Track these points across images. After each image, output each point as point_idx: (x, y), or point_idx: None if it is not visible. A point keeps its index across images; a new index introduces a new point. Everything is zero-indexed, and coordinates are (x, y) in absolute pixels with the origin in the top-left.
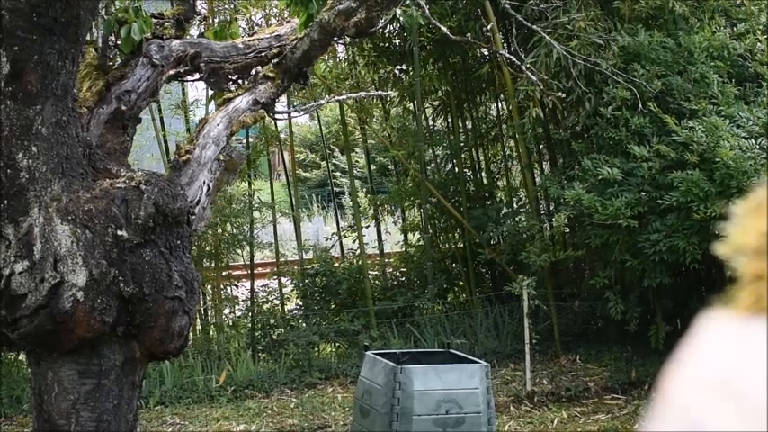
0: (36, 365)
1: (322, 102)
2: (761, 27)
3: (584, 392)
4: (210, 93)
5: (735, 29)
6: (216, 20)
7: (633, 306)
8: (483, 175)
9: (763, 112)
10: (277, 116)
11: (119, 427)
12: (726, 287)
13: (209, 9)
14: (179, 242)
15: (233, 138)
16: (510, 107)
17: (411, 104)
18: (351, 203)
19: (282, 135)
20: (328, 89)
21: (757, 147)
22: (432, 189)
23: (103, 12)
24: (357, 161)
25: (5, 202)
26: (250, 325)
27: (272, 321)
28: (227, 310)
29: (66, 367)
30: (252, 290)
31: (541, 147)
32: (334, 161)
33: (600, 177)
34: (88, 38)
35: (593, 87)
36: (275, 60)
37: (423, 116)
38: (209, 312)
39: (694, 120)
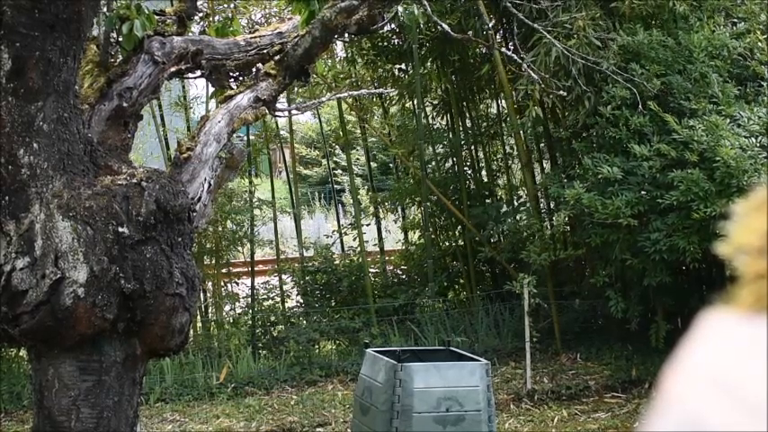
0: (37, 362)
1: (323, 99)
2: (761, 26)
3: (584, 391)
4: (211, 90)
5: (735, 28)
6: (217, 18)
7: (634, 305)
8: (483, 173)
9: (763, 111)
10: (278, 113)
11: (119, 424)
12: (726, 286)
13: (209, 8)
14: (180, 239)
15: (234, 135)
16: (507, 106)
17: (410, 103)
18: (351, 201)
19: (283, 132)
20: (329, 87)
21: (758, 145)
22: (432, 187)
23: (105, 8)
24: (358, 159)
25: (7, 198)
26: (250, 322)
27: (272, 318)
28: (227, 308)
29: (66, 364)
30: (252, 287)
31: (541, 145)
32: (335, 159)
33: (600, 176)
34: (90, 34)
35: (593, 86)
36: (277, 57)
37: (422, 114)
38: (210, 309)
39: (695, 119)
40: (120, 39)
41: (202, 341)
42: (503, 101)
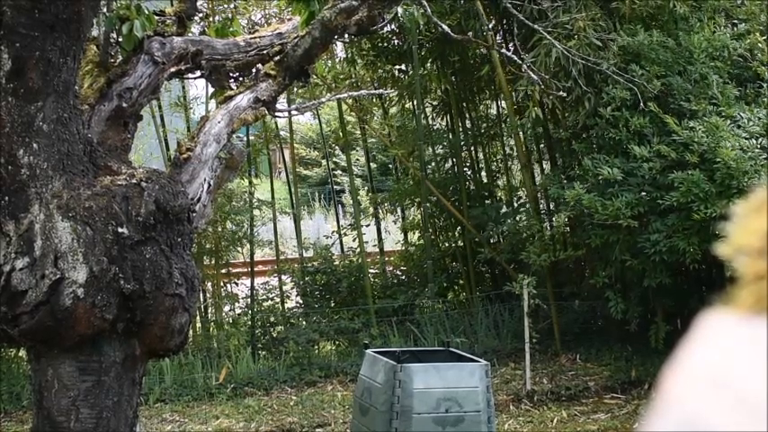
0: (36, 362)
1: (323, 100)
2: (761, 27)
3: (583, 392)
4: (211, 90)
5: (735, 29)
6: (217, 18)
7: (633, 306)
8: (483, 174)
9: (763, 112)
10: (278, 114)
11: (118, 424)
12: (726, 287)
13: (209, 8)
14: (179, 239)
15: (234, 135)
16: (507, 107)
17: (410, 103)
18: (351, 202)
19: (283, 133)
20: (328, 88)
21: (758, 147)
22: (431, 188)
23: (105, 9)
24: (358, 159)
25: (6, 198)
26: (250, 323)
27: (272, 319)
28: (227, 308)
29: (66, 364)
30: (252, 287)
31: (541, 146)
32: (334, 159)
33: (600, 177)
34: (90, 34)
35: (593, 87)
36: (277, 58)
37: (422, 115)
38: (210, 310)
39: (695, 120)
40: (120, 39)
41: (202, 342)
42: (502, 102)
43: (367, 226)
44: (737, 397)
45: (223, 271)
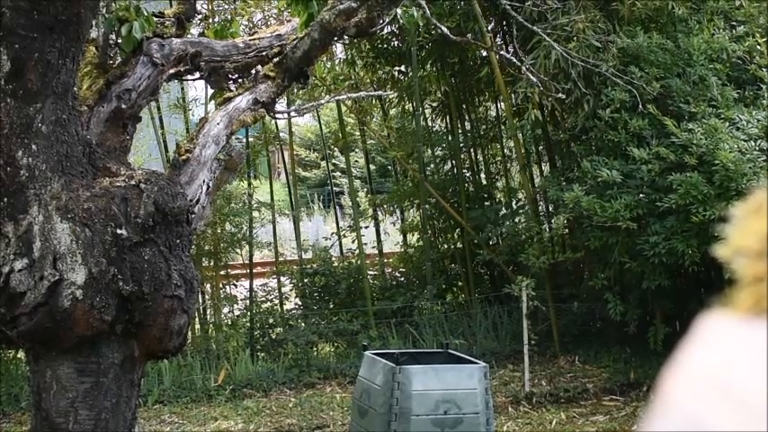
0: (35, 363)
1: (322, 102)
2: (760, 29)
3: (582, 394)
4: (210, 92)
5: (734, 31)
6: (216, 19)
7: (632, 307)
8: (482, 175)
9: (762, 114)
10: (277, 115)
11: (117, 426)
12: (725, 289)
13: (209, 9)
14: (178, 241)
15: (233, 137)
16: (505, 109)
17: (410, 105)
18: (350, 203)
19: (282, 134)
20: (328, 89)
21: (756, 149)
22: (431, 189)
23: (104, 10)
24: (357, 161)
25: (5, 199)
26: (249, 324)
27: (270, 321)
28: (225, 310)
29: (64, 365)
30: (251, 289)
31: (540, 148)
32: (334, 161)
33: (599, 179)
34: (89, 36)
35: (592, 89)
36: (276, 60)
37: (422, 117)
38: (208, 311)
39: (694, 122)
40: (119, 40)
41: (201, 343)
42: (502, 103)
43: (366, 227)
44: (737, 398)
45: (222, 272)
